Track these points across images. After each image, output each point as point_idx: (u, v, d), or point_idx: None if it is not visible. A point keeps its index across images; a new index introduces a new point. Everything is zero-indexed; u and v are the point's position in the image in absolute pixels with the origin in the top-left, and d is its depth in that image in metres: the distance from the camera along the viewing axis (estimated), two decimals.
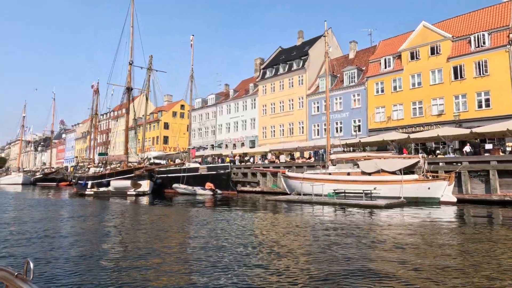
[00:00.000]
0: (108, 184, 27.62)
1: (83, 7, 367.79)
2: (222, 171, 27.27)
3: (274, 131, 45.44)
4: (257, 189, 28.29)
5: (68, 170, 59.38)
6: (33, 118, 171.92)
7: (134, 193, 25.66)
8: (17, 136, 72.45)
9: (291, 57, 45.91)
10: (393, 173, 18.53)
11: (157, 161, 39.14)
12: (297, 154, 38.58)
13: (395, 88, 34.16)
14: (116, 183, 26.69)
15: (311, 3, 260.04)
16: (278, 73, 45.49)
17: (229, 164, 29.44)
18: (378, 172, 18.77)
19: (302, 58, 43.34)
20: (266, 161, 36.80)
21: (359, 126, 36.16)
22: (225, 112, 53.21)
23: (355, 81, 37.77)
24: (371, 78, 36.08)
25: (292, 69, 43.86)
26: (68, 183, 51.88)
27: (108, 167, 32.33)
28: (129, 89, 30.64)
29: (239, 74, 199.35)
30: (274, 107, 45.70)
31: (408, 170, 18.40)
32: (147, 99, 32.87)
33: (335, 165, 21.78)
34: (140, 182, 26.18)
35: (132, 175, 26.73)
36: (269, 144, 41.45)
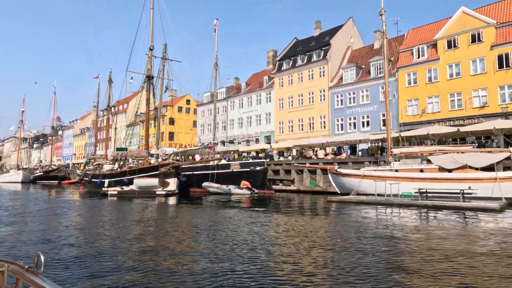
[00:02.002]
0: (129, 183, 24.88)
1: (83, 7, 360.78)
2: (257, 168, 24.69)
3: (292, 126, 43.05)
4: (292, 187, 25.80)
5: (70, 167, 56.43)
6: (29, 116, 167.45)
7: (163, 192, 22.95)
8: (15, 132, 69.08)
9: (309, 47, 43.45)
10: (470, 168, 16.25)
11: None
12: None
13: (430, 79, 31.95)
14: (140, 182, 23.89)
15: (311, 1, 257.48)
16: (296, 65, 43.05)
17: (264, 160, 26.94)
18: (461, 168, 16.46)
19: (323, 48, 40.91)
20: (290, 157, 34.42)
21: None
22: (237, 107, 50.59)
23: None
24: (402, 69, 33.83)
25: (312, 60, 41.45)
26: (71, 181, 49.02)
27: (122, 163, 29.58)
28: (149, 77, 27.88)
29: (239, 73, 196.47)
30: (292, 101, 43.27)
31: (490, 166, 16.12)
32: (167, 89, 30.28)
33: (398, 160, 19.46)
34: (167, 180, 23.55)
35: (157, 172, 24.10)
36: (291, 139, 39.02)
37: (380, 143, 29.52)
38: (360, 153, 32.56)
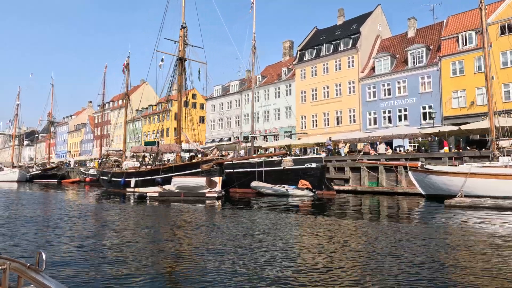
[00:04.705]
0: (163, 182, 21.33)
1: (83, 7, 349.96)
2: (314, 165, 21.38)
3: (316, 120, 40.01)
4: (346, 187, 22.62)
5: (71, 165, 52.33)
6: (20, 112, 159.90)
7: (215, 194, 19.38)
8: (9, 128, 64.48)
9: (335, 36, 40.43)
10: None
11: (188, 154, 33.44)
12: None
13: (479, 68, 29.23)
14: (183, 181, 20.16)
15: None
16: (321, 55, 40.01)
17: (322, 156, 23.75)
18: None
19: (352, 37, 37.91)
20: (323, 153, 31.34)
21: (430, 113, 31.07)
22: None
23: (423, 61, 32.64)
24: (446, 58, 31.07)
25: (339, 49, 38.45)
26: (73, 180, 45.12)
27: (153, 160, 26.12)
28: (182, 60, 24.40)
29: (249, 65, 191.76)
30: (316, 93, 40.22)
31: None
32: (199, 73, 26.93)
33: (509, 155, 16.54)
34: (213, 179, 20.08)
35: (198, 170, 20.62)
36: (320, 134, 35.95)
37: (424, 137, 26.77)
38: (398, 149, 29.69)
